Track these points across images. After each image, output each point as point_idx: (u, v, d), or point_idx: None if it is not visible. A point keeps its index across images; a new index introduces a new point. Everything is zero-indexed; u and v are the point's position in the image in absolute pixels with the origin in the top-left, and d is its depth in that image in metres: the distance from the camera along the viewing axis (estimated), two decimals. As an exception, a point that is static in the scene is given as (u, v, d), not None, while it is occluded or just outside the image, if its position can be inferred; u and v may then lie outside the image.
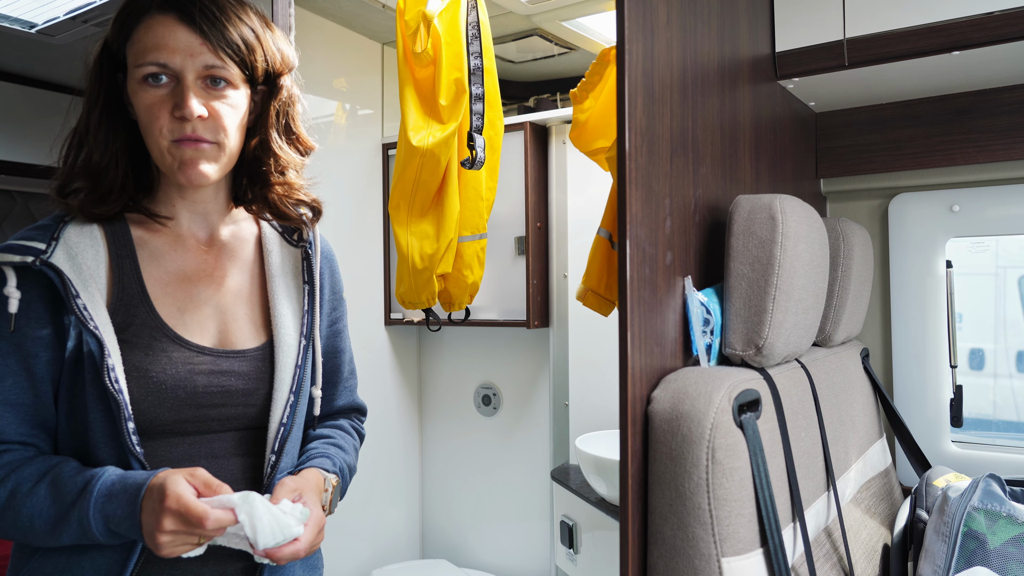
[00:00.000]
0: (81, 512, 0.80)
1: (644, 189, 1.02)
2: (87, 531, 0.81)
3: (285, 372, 0.95)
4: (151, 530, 0.78)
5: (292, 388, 0.95)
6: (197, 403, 0.89)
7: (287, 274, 1.01)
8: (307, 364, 0.98)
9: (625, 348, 0.98)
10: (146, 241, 0.94)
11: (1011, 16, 1.33)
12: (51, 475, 0.83)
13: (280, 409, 0.94)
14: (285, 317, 0.98)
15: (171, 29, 0.86)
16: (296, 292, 1.01)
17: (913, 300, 1.79)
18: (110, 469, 0.83)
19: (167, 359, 0.88)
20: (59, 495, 0.82)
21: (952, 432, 1.75)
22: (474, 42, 1.80)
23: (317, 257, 1.04)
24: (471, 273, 1.98)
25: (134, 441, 0.84)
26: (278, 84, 0.96)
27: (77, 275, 0.85)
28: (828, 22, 1.52)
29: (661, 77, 1.08)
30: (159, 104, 0.87)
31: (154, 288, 0.91)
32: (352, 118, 2.39)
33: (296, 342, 0.97)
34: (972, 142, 1.71)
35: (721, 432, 0.97)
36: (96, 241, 0.89)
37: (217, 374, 0.91)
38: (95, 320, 0.83)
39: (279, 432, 0.93)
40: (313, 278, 1.02)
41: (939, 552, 1.26)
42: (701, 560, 0.95)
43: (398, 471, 2.56)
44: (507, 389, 2.45)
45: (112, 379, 0.82)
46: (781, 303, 1.12)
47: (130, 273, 0.90)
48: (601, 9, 2.09)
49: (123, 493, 0.80)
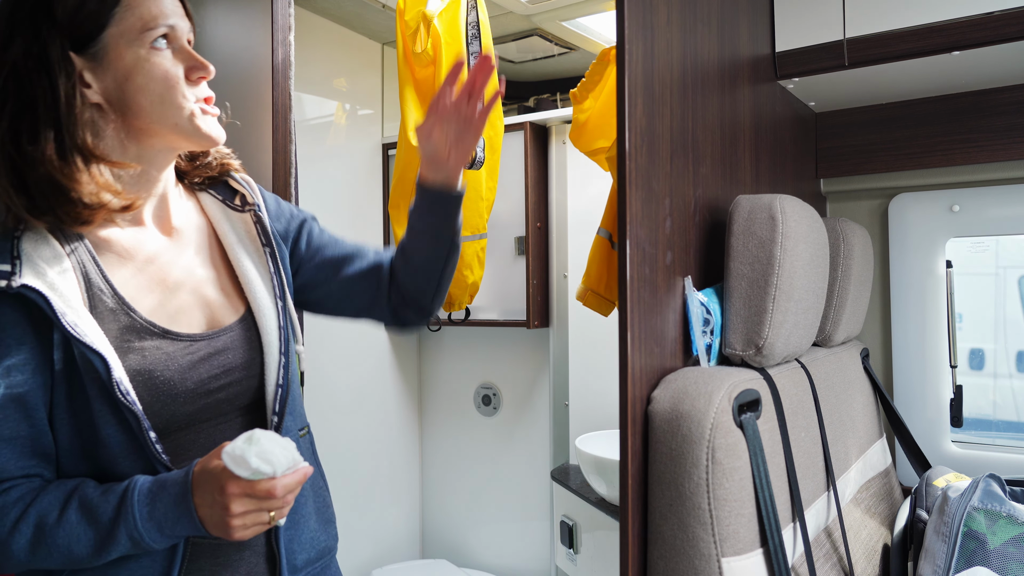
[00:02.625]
0: (129, 525, 0.78)
1: (644, 189, 1.02)
2: (139, 542, 0.79)
3: (271, 335, 0.95)
4: (220, 520, 0.77)
5: (281, 350, 0.95)
6: (207, 389, 0.88)
7: (243, 239, 1.00)
8: (288, 324, 0.98)
9: (625, 348, 0.98)
10: (107, 242, 0.88)
11: (1011, 16, 1.33)
12: (76, 499, 0.80)
13: (274, 372, 0.94)
14: (256, 283, 0.97)
15: None
16: (258, 256, 1.00)
17: (913, 300, 1.79)
18: (140, 477, 0.81)
19: (165, 355, 0.86)
20: (93, 516, 0.79)
21: (952, 432, 1.75)
22: (474, 42, 1.80)
23: (266, 215, 1.03)
24: (471, 273, 1.99)
25: (159, 449, 0.82)
26: None
27: (52, 291, 0.79)
28: (828, 22, 1.52)
29: (661, 77, 1.08)
30: (173, 67, 0.88)
31: (128, 289, 0.87)
32: (352, 118, 2.39)
33: (273, 304, 0.97)
34: (972, 142, 1.70)
35: (721, 432, 0.97)
36: (56, 251, 0.82)
37: (215, 355, 0.90)
38: (88, 336, 0.79)
39: (276, 395, 0.93)
40: (271, 239, 1.01)
41: (939, 552, 1.26)
42: (701, 560, 0.95)
43: (398, 471, 2.56)
44: (507, 389, 2.45)
45: (123, 392, 0.79)
46: (781, 303, 1.12)
47: (98, 280, 0.85)
48: (601, 9, 2.09)
49: (166, 496, 0.79)
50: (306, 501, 0.98)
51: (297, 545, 0.96)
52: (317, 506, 1.01)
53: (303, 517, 0.97)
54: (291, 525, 0.95)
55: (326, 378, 2.22)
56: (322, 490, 1.04)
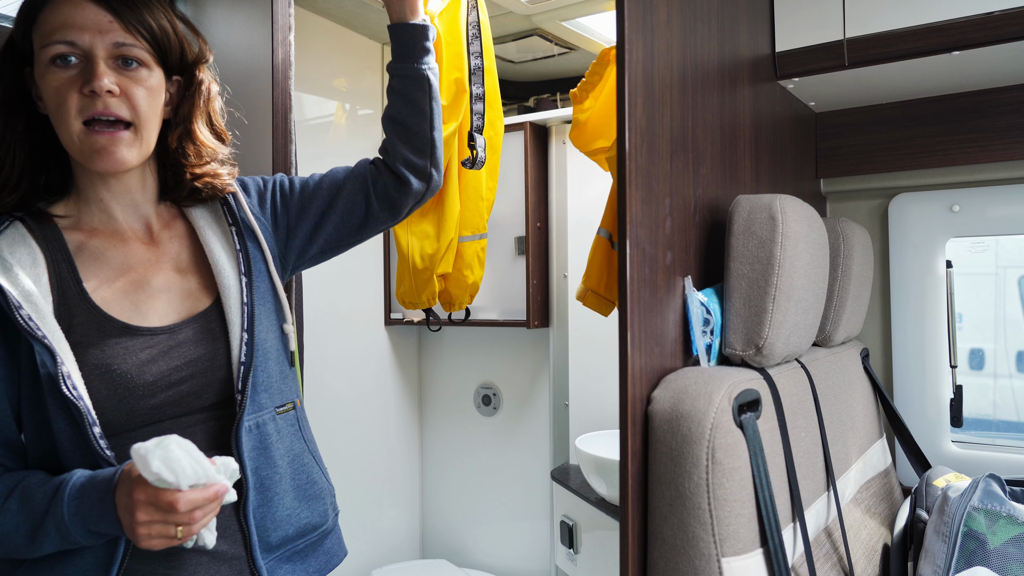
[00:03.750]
0: (56, 519, 0.79)
1: (644, 189, 1.02)
2: (67, 536, 0.80)
3: (233, 313, 0.94)
4: (128, 524, 0.76)
5: (243, 326, 0.93)
6: (168, 383, 0.88)
7: (213, 227, 1.00)
8: (257, 300, 0.97)
9: (625, 348, 0.98)
10: (84, 244, 0.91)
11: (1011, 16, 1.33)
12: (19, 489, 0.82)
13: (236, 348, 0.92)
14: (222, 263, 0.96)
15: (79, 7, 0.85)
16: (226, 238, 0.99)
17: (913, 300, 1.79)
18: (78, 472, 0.82)
19: (123, 349, 0.86)
20: (30, 507, 0.80)
21: (952, 432, 1.75)
22: (474, 42, 1.80)
23: (241, 197, 1.03)
24: (471, 273, 1.98)
25: (102, 445, 0.82)
26: (196, 75, 0.97)
27: (15, 286, 0.82)
28: (828, 22, 1.52)
29: (661, 77, 1.08)
30: (67, 85, 0.85)
31: (101, 289, 0.89)
32: (352, 118, 2.39)
33: (237, 282, 0.96)
34: (972, 142, 1.70)
35: (721, 432, 0.97)
36: (32, 248, 0.86)
37: (177, 347, 0.90)
38: (42, 329, 0.80)
39: (239, 371, 0.92)
40: (236, 218, 1.01)
41: (939, 552, 1.26)
42: (701, 560, 0.95)
43: (398, 471, 2.56)
44: (507, 389, 2.45)
45: (69, 386, 0.80)
46: (781, 303, 1.12)
47: (67, 277, 0.88)
48: (601, 9, 2.09)
49: (93, 492, 0.79)
50: (281, 478, 0.97)
51: (271, 523, 0.95)
52: (297, 483, 1.00)
53: (277, 495, 0.96)
54: (263, 503, 0.94)
55: (326, 378, 2.22)
56: (307, 467, 1.02)
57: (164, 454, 0.73)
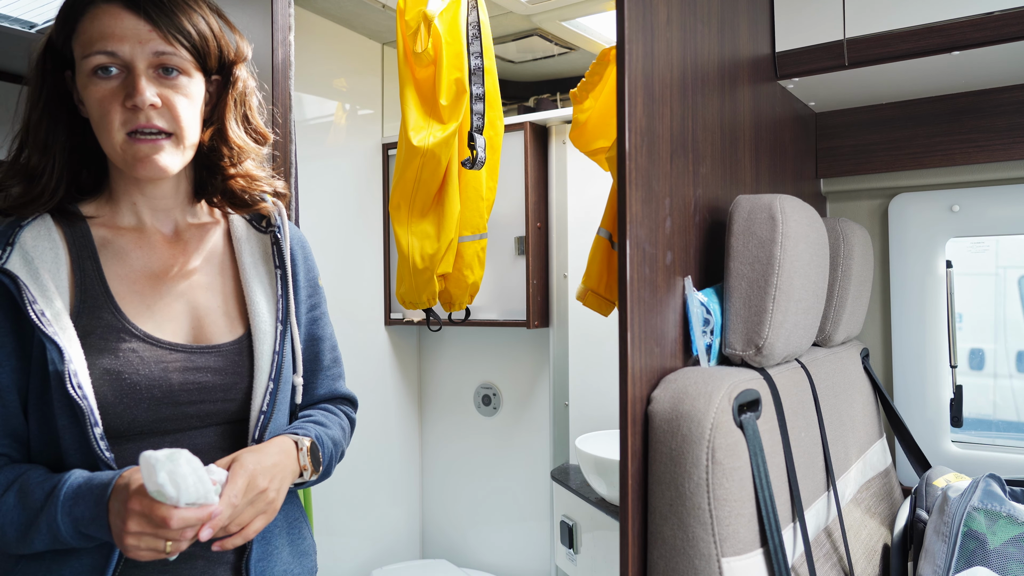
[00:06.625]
0: (49, 517, 0.79)
1: (644, 189, 1.02)
2: (57, 535, 0.80)
3: (263, 360, 0.93)
4: (118, 531, 0.76)
5: (271, 375, 0.93)
6: (174, 401, 0.87)
7: (258, 262, 0.99)
8: (286, 350, 0.97)
9: (625, 348, 0.98)
10: (109, 241, 0.92)
11: (1011, 16, 1.33)
12: (19, 482, 0.82)
13: (260, 397, 0.92)
14: (260, 305, 0.96)
15: (118, 17, 0.84)
16: (268, 278, 0.99)
17: (913, 300, 1.79)
18: (76, 472, 0.82)
19: (138, 359, 0.86)
20: (27, 502, 0.80)
21: (952, 432, 1.75)
22: (474, 42, 1.80)
23: (287, 241, 1.02)
24: (471, 273, 1.99)
25: (102, 446, 0.82)
26: (233, 73, 0.96)
27: (34, 280, 0.82)
28: (828, 22, 1.52)
29: (661, 77, 1.08)
30: (110, 97, 0.85)
31: (120, 288, 0.89)
32: (352, 118, 2.39)
33: (272, 328, 0.95)
34: (972, 142, 1.70)
35: (721, 432, 0.97)
36: (56, 244, 0.87)
37: (192, 371, 0.89)
38: (54, 325, 0.80)
39: (259, 420, 0.91)
40: (284, 262, 1.00)
41: (939, 552, 1.26)
42: (701, 560, 0.95)
43: (398, 471, 2.56)
44: (507, 389, 2.45)
45: (75, 385, 0.80)
46: (781, 303, 1.12)
47: (92, 275, 0.88)
48: (601, 9, 2.09)
49: (89, 494, 0.79)
50: (279, 532, 0.97)
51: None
52: (291, 537, 0.99)
53: (275, 548, 0.96)
54: (262, 556, 0.94)
55: (326, 378, 2.22)
56: (297, 521, 1.02)
57: (172, 468, 0.73)
